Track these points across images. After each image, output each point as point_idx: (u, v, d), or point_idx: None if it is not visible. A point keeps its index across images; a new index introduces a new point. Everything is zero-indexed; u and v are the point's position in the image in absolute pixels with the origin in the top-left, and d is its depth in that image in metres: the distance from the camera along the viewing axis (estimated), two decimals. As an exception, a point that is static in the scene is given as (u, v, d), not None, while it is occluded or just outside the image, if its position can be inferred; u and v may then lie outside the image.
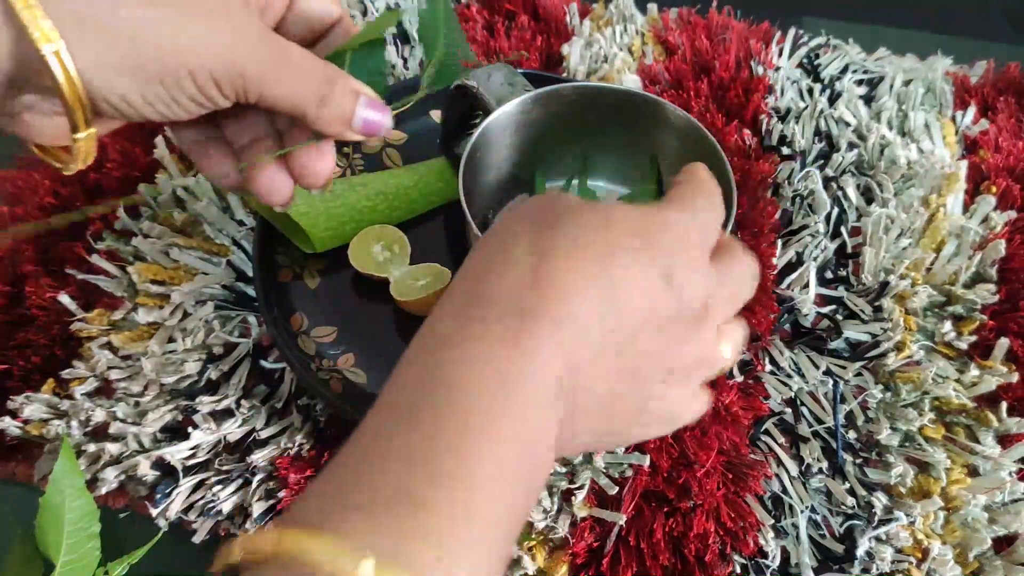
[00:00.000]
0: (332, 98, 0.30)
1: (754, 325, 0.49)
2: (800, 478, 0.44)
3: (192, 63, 0.26)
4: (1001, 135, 0.60)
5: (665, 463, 0.43)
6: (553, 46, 0.66)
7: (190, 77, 0.27)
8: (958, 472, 0.44)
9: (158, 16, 0.26)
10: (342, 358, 0.46)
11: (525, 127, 0.48)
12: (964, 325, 0.49)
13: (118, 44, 0.25)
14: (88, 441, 0.44)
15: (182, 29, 0.26)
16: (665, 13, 0.70)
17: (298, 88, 0.29)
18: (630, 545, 0.41)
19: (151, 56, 0.26)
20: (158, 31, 0.26)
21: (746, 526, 0.42)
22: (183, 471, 0.43)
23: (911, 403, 0.46)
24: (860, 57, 0.68)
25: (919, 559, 0.41)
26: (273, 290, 0.47)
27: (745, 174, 0.56)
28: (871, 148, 0.58)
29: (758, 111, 0.61)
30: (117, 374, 0.46)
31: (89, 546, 0.39)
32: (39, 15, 0.24)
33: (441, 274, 0.47)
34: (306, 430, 0.44)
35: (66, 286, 0.50)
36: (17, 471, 0.45)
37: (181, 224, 0.53)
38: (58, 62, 0.24)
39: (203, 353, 0.47)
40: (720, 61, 0.63)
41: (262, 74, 0.28)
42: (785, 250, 0.53)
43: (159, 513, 0.42)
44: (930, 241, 0.53)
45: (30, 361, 0.47)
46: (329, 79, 0.30)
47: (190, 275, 0.50)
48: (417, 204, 0.52)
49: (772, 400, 0.47)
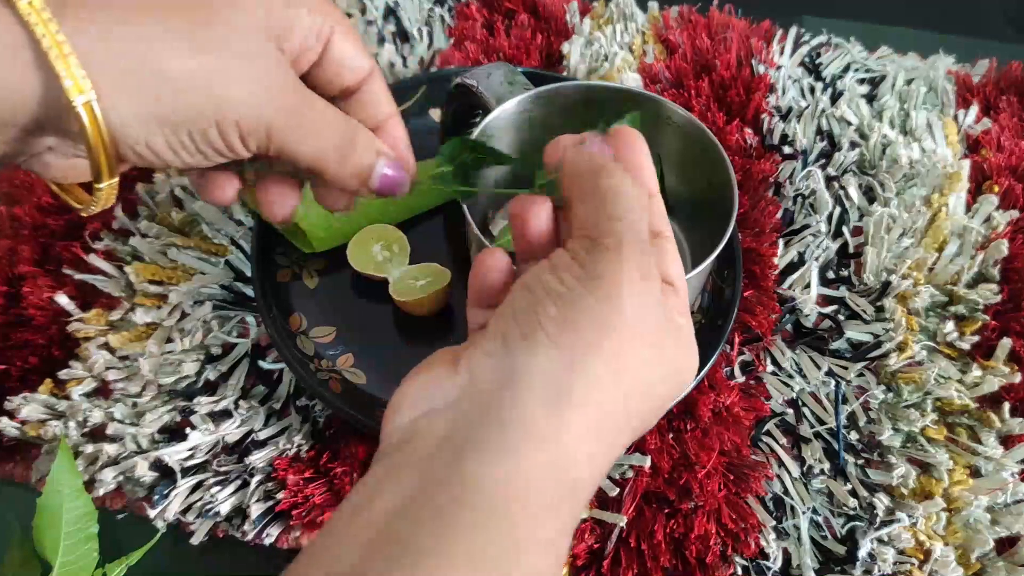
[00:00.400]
0: (353, 156, 0.30)
1: (755, 326, 0.49)
2: (802, 479, 0.44)
3: (225, 116, 0.26)
4: (1003, 134, 0.60)
5: (666, 464, 0.43)
6: (553, 45, 0.66)
7: (218, 130, 0.26)
8: (960, 473, 0.44)
9: (197, 66, 0.25)
10: (341, 358, 0.46)
11: (525, 126, 0.47)
12: (966, 325, 0.49)
13: (154, 95, 0.25)
14: (86, 442, 0.44)
15: (220, 81, 0.25)
16: (666, 12, 0.70)
17: (321, 144, 0.29)
18: (631, 547, 0.41)
19: (186, 108, 0.25)
20: (195, 83, 0.25)
21: (747, 527, 0.41)
22: (181, 472, 0.43)
23: (913, 404, 0.46)
24: (862, 56, 0.67)
25: (921, 560, 0.41)
26: (272, 290, 0.47)
27: (746, 173, 0.56)
28: (873, 147, 0.58)
29: (759, 110, 0.61)
30: (115, 374, 0.46)
31: (87, 547, 0.39)
32: (73, 63, 0.23)
33: (440, 274, 0.46)
34: (305, 431, 0.44)
35: (64, 286, 0.50)
36: (15, 472, 0.45)
37: (179, 224, 0.53)
38: (87, 113, 0.24)
39: (201, 353, 0.47)
40: (721, 60, 0.63)
41: (288, 131, 0.27)
42: (787, 250, 0.53)
43: (157, 514, 0.42)
44: (932, 241, 0.53)
45: (28, 361, 0.47)
46: (351, 136, 0.29)
47: (188, 275, 0.50)
48: (417, 204, 0.52)
49: (773, 401, 0.47)
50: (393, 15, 0.68)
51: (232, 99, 0.26)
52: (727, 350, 0.48)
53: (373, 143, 0.31)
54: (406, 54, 0.65)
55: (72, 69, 0.23)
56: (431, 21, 0.68)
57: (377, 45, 0.66)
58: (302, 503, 0.41)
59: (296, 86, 0.28)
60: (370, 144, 0.30)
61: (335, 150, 0.29)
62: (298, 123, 0.28)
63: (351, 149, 0.30)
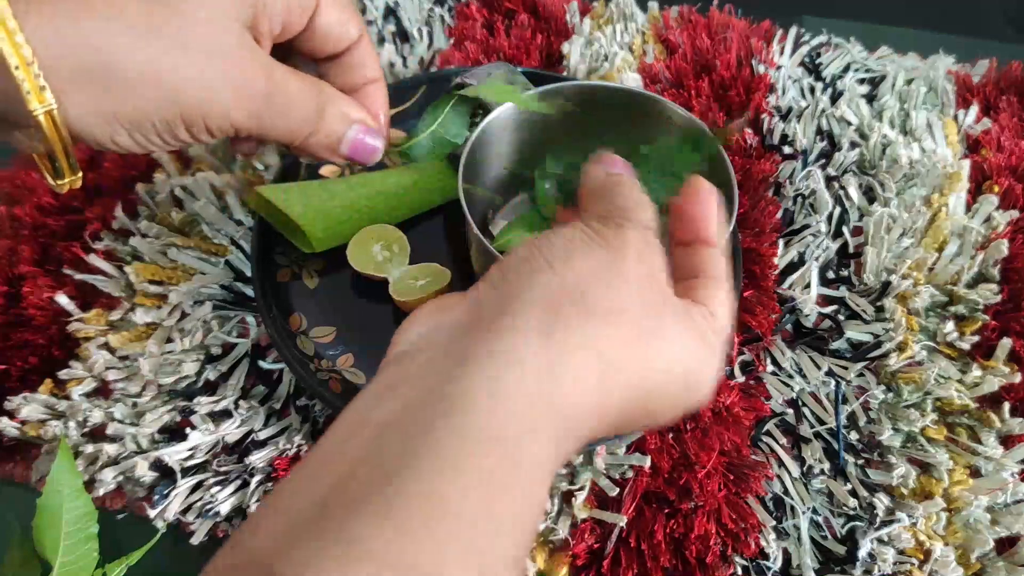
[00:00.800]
0: (321, 129, 0.30)
1: (755, 326, 0.49)
2: (802, 479, 0.44)
3: (190, 116, 0.27)
4: (1003, 134, 0.60)
5: (666, 464, 0.43)
6: (553, 44, 0.66)
7: (184, 125, 0.27)
8: (960, 473, 0.44)
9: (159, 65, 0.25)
10: (341, 358, 0.46)
11: (525, 126, 0.47)
12: (966, 325, 0.49)
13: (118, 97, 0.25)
14: (86, 442, 0.44)
15: (184, 79, 0.26)
16: (666, 11, 0.70)
17: (287, 124, 0.29)
18: (631, 547, 0.41)
19: (150, 108, 0.26)
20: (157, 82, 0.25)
21: (747, 527, 0.41)
22: (181, 472, 0.43)
23: (913, 404, 0.46)
24: (862, 56, 0.67)
25: (921, 560, 0.41)
26: (272, 290, 0.47)
27: (746, 173, 0.56)
28: (873, 147, 0.58)
29: (759, 110, 0.61)
30: (115, 374, 0.46)
31: (87, 547, 0.39)
32: (34, 72, 0.23)
33: (440, 274, 0.46)
34: (305, 431, 0.44)
35: (64, 286, 0.50)
36: (14, 472, 0.45)
37: (179, 224, 0.53)
38: (47, 122, 0.24)
39: (201, 353, 0.47)
40: (721, 60, 0.63)
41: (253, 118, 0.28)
42: (786, 250, 0.53)
43: (157, 514, 0.42)
44: (932, 241, 0.53)
45: (27, 361, 0.47)
46: (320, 110, 0.30)
47: (188, 275, 0.50)
48: (416, 204, 0.52)
49: (773, 401, 0.47)
50: (393, 15, 0.68)
51: (195, 97, 0.26)
52: (727, 350, 0.48)
53: (344, 112, 0.31)
54: (406, 54, 0.65)
55: (32, 80, 0.23)
56: (431, 21, 0.68)
57: (377, 45, 0.66)
58: (302, 503, 0.41)
59: (264, 71, 0.28)
60: (340, 114, 0.31)
61: (303, 125, 0.30)
62: (264, 109, 0.28)
63: (319, 122, 0.30)
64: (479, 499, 0.19)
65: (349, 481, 0.20)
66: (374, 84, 0.33)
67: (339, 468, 0.20)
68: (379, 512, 0.18)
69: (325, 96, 0.30)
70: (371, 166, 0.54)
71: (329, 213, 0.48)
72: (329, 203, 0.48)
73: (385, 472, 0.19)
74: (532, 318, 0.23)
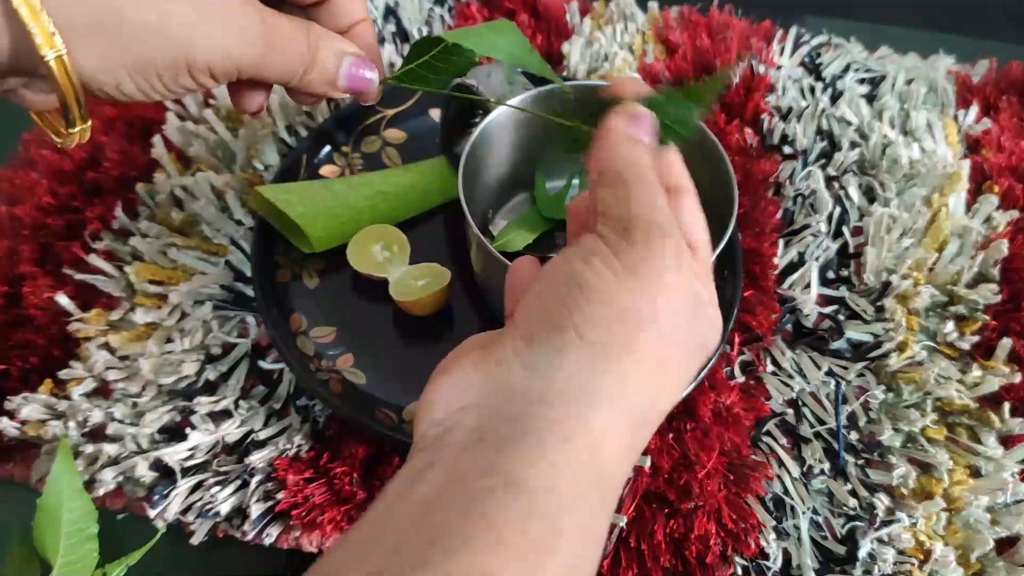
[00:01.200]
0: (316, 64, 0.32)
1: (755, 326, 0.49)
2: (802, 479, 0.44)
3: (194, 60, 0.28)
4: (1003, 134, 0.60)
5: (666, 464, 0.43)
6: (553, 44, 0.66)
7: (189, 73, 0.28)
8: (960, 473, 0.44)
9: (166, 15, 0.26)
10: (341, 358, 0.46)
11: (525, 126, 0.47)
12: (966, 325, 0.49)
13: (124, 45, 0.26)
14: (86, 442, 0.44)
15: (187, 24, 0.27)
16: (666, 11, 0.70)
17: (286, 66, 0.31)
18: (631, 546, 0.41)
19: (156, 56, 0.27)
20: (163, 31, 0.27)
21: (747, 527, 0.41)
22: (181, 472, 0.42)
23: (913, 404, 0.46)
24: (862, 56, 0.67)
25: (921, 560, 0.41)
26: (272, 290, 0.47)
27: (746, 173, 0.56)
28: (873, 147, 0.58)
29: (759, 110, 0.61)
30: (115, 375, 0.46)
31: (87, 547, 0.39)
32: (44, 19, 0.24)
33: (440, 274, 0.46)
34: (305, 431, 0.44)
35: (64, 286, 0.50)
36: (15, 472, 0.45)
37: (179, 224, 0.53)
38: (58, 67, 0.25)
39: (201, 353, 0.47)
40: (721, 60, 0.63)
41: (255, 62, 0.29)
42: (787, 250, 0.53)
43: (157, 514, 0.42)
44: (932, 241, 0.53)
45: (28, 361, 0.47)
46: (313, 47, 0.31)
47: (188, 275, 0.50)
48: (417, 203, 0.52)
49: (774, 401, 0.47)
50: (393, 15, 0.68)
51: (201, 45, 0.28)
52: (727, 350, 0.48)
53: (338, 48, 0.33)
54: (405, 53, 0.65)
55: (43, 25, 0.24)
56: (431, 21, 0.68)
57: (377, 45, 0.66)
58: (302, 503, 0.41)
59: (259, 15, 0.29)
60: (334, 49, 0.32)
61: (299, 61, 0.31)
62: (265, 53, 0.30)
63: (315, 59, 0.31)
64: (521, 571, 0.20)
65: (393, 556, 0.20)
66: (362, 24, 0.35)
67: (386, 541, 0.21)
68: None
69: (316, 34, 0.32)
70: (372, 167, 0.54)
71: (329, 213, 0.48)
72: (329, 203, 0.48)
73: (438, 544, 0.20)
74: (571, 403, 0.23)
